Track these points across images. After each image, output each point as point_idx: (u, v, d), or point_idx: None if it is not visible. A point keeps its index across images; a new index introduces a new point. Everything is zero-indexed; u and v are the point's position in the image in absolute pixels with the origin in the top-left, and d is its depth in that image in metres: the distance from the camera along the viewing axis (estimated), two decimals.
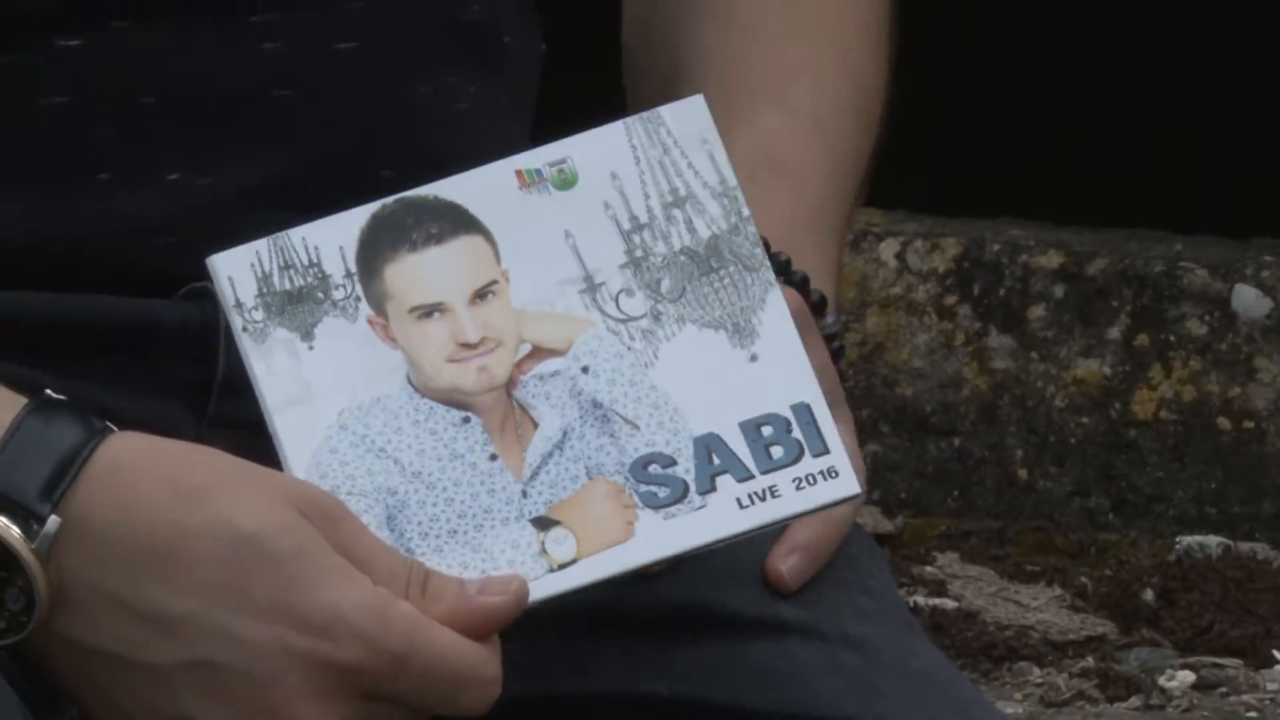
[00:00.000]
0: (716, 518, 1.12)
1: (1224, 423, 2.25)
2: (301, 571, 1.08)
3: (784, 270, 1.24)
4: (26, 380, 1.12)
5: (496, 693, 1.08)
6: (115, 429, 1.10)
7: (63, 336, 1.22)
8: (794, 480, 1.13)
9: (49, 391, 1.12)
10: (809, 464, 1.13)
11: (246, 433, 1.11)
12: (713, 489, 1.13)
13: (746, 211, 1.18)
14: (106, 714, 1.12)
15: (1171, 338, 2.22)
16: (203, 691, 1.09)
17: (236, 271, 1.14)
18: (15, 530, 1.07)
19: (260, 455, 1.12)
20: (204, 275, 1.14)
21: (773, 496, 1.12)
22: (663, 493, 1.13)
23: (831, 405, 1.13)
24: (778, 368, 1.15)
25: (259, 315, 1.16)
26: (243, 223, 1.17)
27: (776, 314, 1.15)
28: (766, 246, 1.15)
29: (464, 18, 1.29)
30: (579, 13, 1.57)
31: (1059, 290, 2.26)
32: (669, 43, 1.37)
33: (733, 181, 1.16)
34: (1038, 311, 2.26)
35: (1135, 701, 2.05)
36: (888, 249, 2.30)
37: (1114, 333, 2.21)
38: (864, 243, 2.34)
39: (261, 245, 1.14)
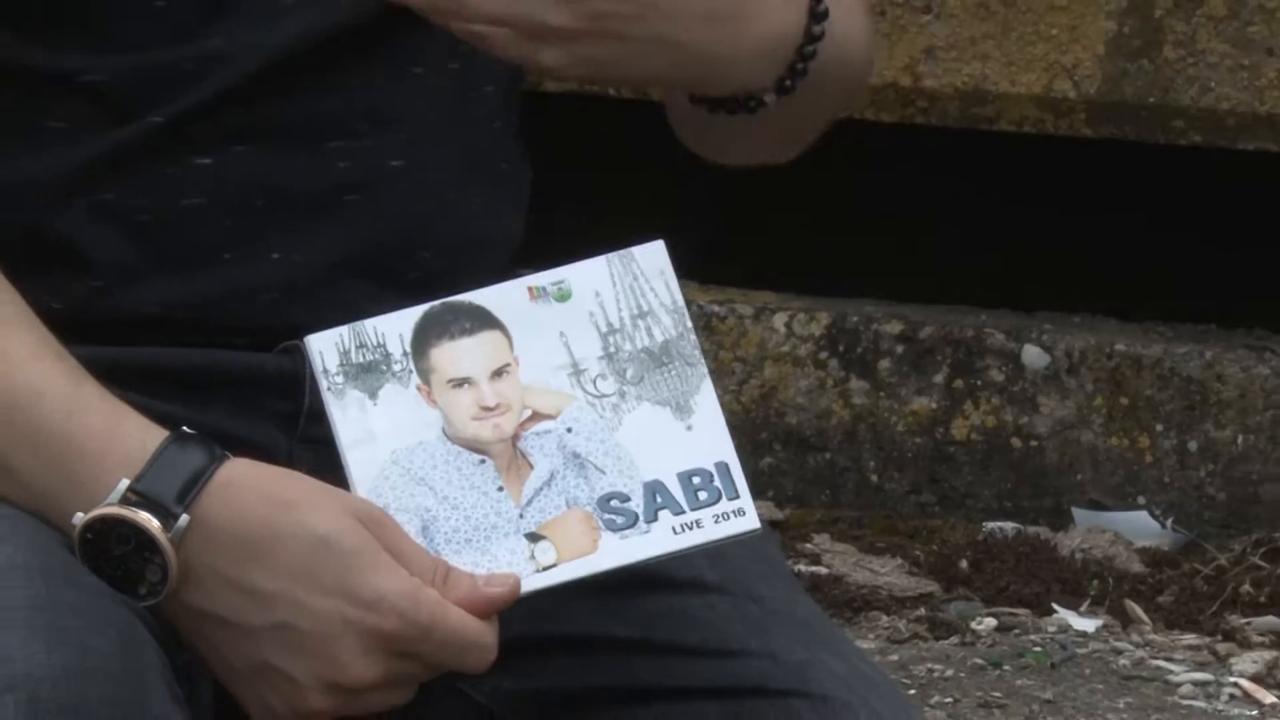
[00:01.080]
0: (657, 540, 1.30)
1: (1016, 442, 2.43)
2: (357, 564, 1.26)
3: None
4: (167, 414, 1.28)
5: (493, 657, 1.26)
6: (230, 455, 1.26)
7: (193, 381, 1.39)
8: (714, 516, 1.30)
9: (185, 427, 1.28)
10: (725, 505, 1.30)
11: (323, 448, 1.29)
12: (655, 519, 1.30)
13: (689, 324, 1.33)
14: (213, 660, 1.29)
15: (979, 382, 2.42)
16: (282, 646, 1.27)
17: (325, 348, 1.30)
18: (156, 523, 1.24)
19: (329, 467, 1.29)
20: (295, 330, 1.31)
21: (698, 527, 1.29)
22: (619, 520, 1.30)
23: None
24: (706, 436, 1.32)
25: (339, 379, 1.32)
26: (323, 289, 1.37)
27: (708, 398, 1.31)
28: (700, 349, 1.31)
29: (475, 148, 1.48)
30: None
31: (900, 349, 2.43)
32: None
33: (680, 303, 1.34)
34: (885, 363, 2.43)
35: (954, 639, 2.24)
36: (779, 320, 2.41)
37: (938, 379, 2.42)
38: (763, 316, 2.42)
39: (344, 330, 1.31)
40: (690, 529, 1.29)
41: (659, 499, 1.30)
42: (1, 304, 1.30)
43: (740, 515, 1.29)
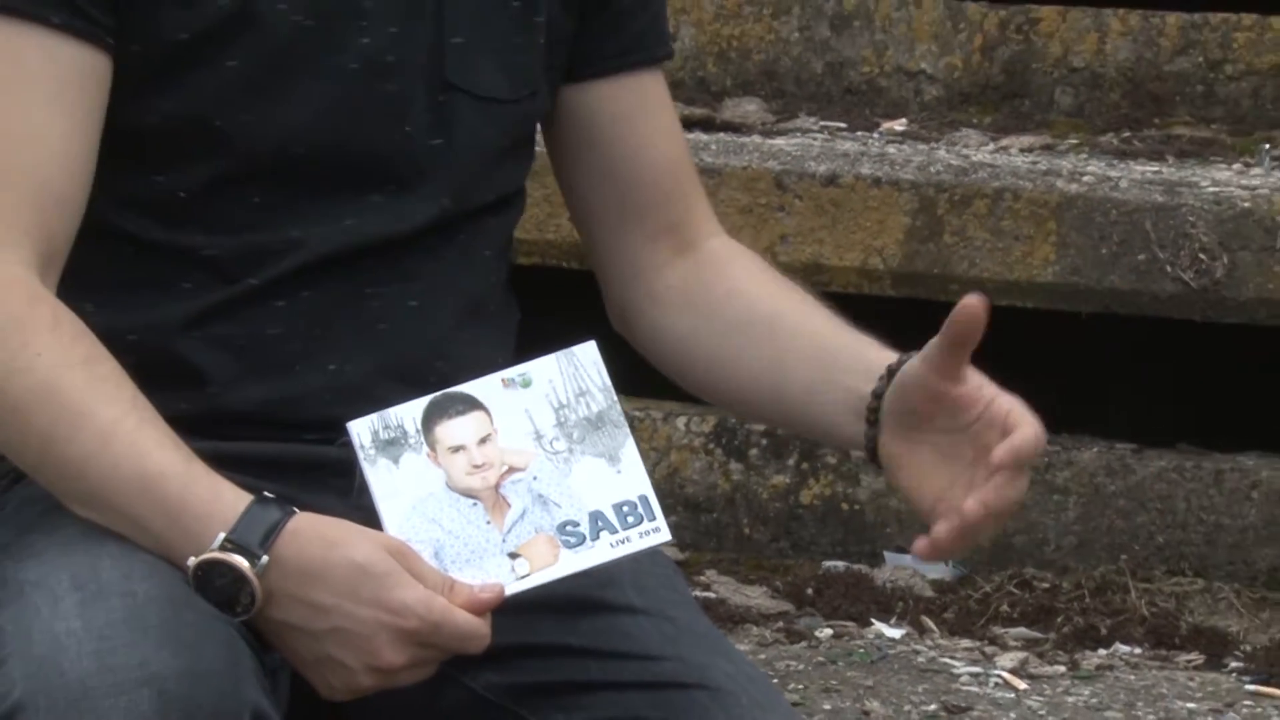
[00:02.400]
0: (601, 552, 1.30)
1: (845, 506, 2.45)
2: (387, 583, 1.26)
3: (894, 365, 1.34)
4: (252, 486, 1.27)
5: (487, 644, 1.25)
6: (296, 510, 1.25)
7: (273, 463, 1.38)
8: (639, 533, 1.30)
9: (266, 493, 1.28)
10: (646, 525, 1.29)
11: (367, 512, 1.28)
12: (598, 538, 1.30)
13: (615, 398, 1.33)
14: (290, 656, 1.28)
15: (819, 464, 2.44)
16: (337, 643, 1.26)
17: (362, 430, 1.31)
18: (246, 563, 1.24)
19: (368, 519, 1.28)
20: (346, 419, 1.30)
21: (628, 541, 1.29)
22: (573, 540, 1.30)
23: None
24: (630, 477, 1.31)
25: (372, 451, 1.32)
26: (365, 391, 1.35)
27: (631, 450, 1.30)
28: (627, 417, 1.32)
29: (473, 296, 1.47)
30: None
31: (764, 440, 2.46)
32: (733, 314, 1.47)
33: (608, 384, 1.33)
34: (754, 451, 2.46)
35: (803, 644, 2.26)
36: (680, 421, 2.45)
37: (791, 461, 2.45)
38: (669, 418, 2.47)
39: (374, 416, 1.30)
40: (623, 543, 1.30)
41: (600, 523, 1.30)
42: (137, 409, 1.27)
43: (657, 531, 1.29)
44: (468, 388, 1.31)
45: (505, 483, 1.31)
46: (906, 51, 2.82)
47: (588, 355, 1.33)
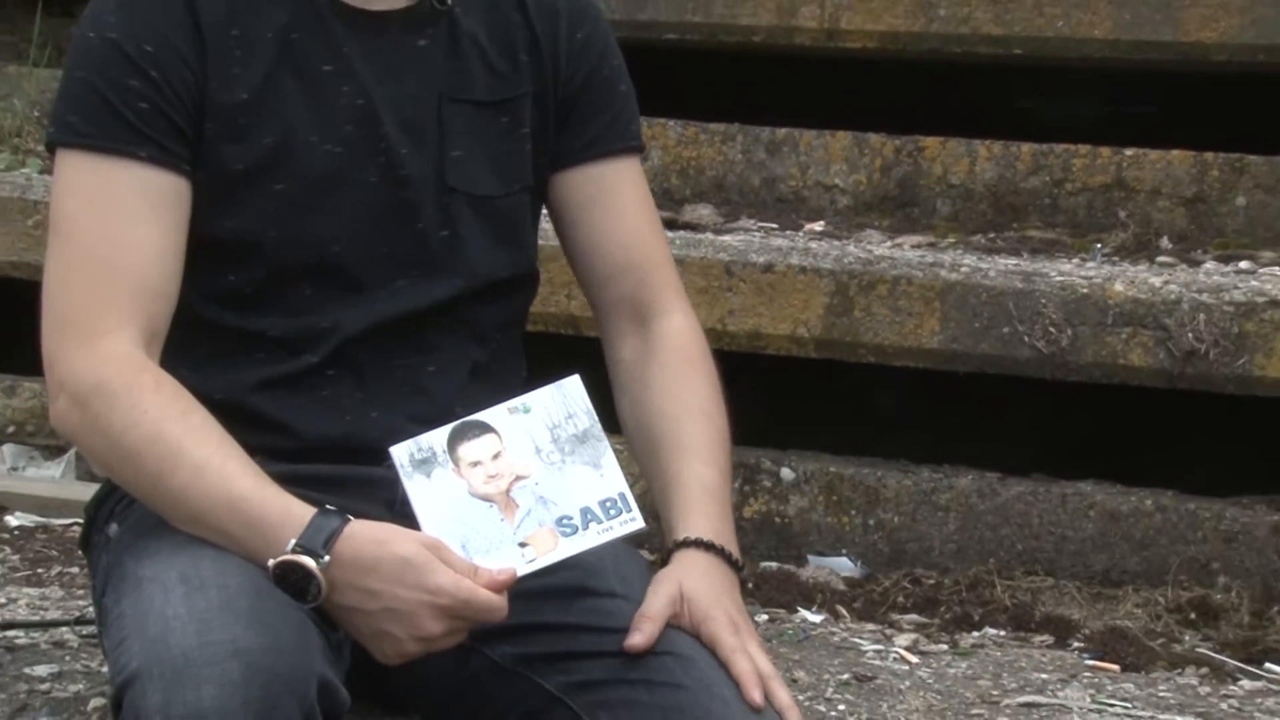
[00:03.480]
0: (590, 539, 1.31)
1: (777, 520, 2.37)
2: (426, 571, 1.27)
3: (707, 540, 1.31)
4: (316, 500, 1.28)
5: (504, 615, 1.25)
6: (351, 518, 1.25)
7: (336, 481, 1.41)
8: (619, 523, 1.31)
9: (328, 505, 1.29)
10: (625, 516, 1.31)
11: (409, 521, 1.29)
12: (587, 528, 1.31)
13: (595, 419, 1.34)
14: (351, 632, 1.28)
15: (757, 487, 2.40)
16: (388, 620, 1.27)
17: (401, 453, 1.32)
18: (312, 563, 1.24)
19: (409, 523, 1.28)
20: (385, 446, 1.30)
21: (610, 530, 1.29)
22: (568, 530, 1.31)
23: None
24: (611, 479, 1.32)
25: (410, 469, 1.33)
26: (400, 432, 1.33)
27: (610, 458, 1.30)
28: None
29: (477, 362, 1.48)
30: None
31: None
32: (644, 419, 1.45)
33: (590, 408, 1.32)
34: None
35: None
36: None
37: (735, 485, 2.37)
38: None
39: (411, 442, 1.31)
40: (608, 530, 1.31)
41: (589, 516, 1.31)
42: (223, 448, 1.28)
43: (634, 520, 1.32)
44: (482, 416, 1.32)
45: (514, 488, 1.31)
46: (824, 170, 2.84)
47: (574, 386, 1.32)
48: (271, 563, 1.22)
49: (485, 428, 1.30)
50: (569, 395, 1.31)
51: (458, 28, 1.35)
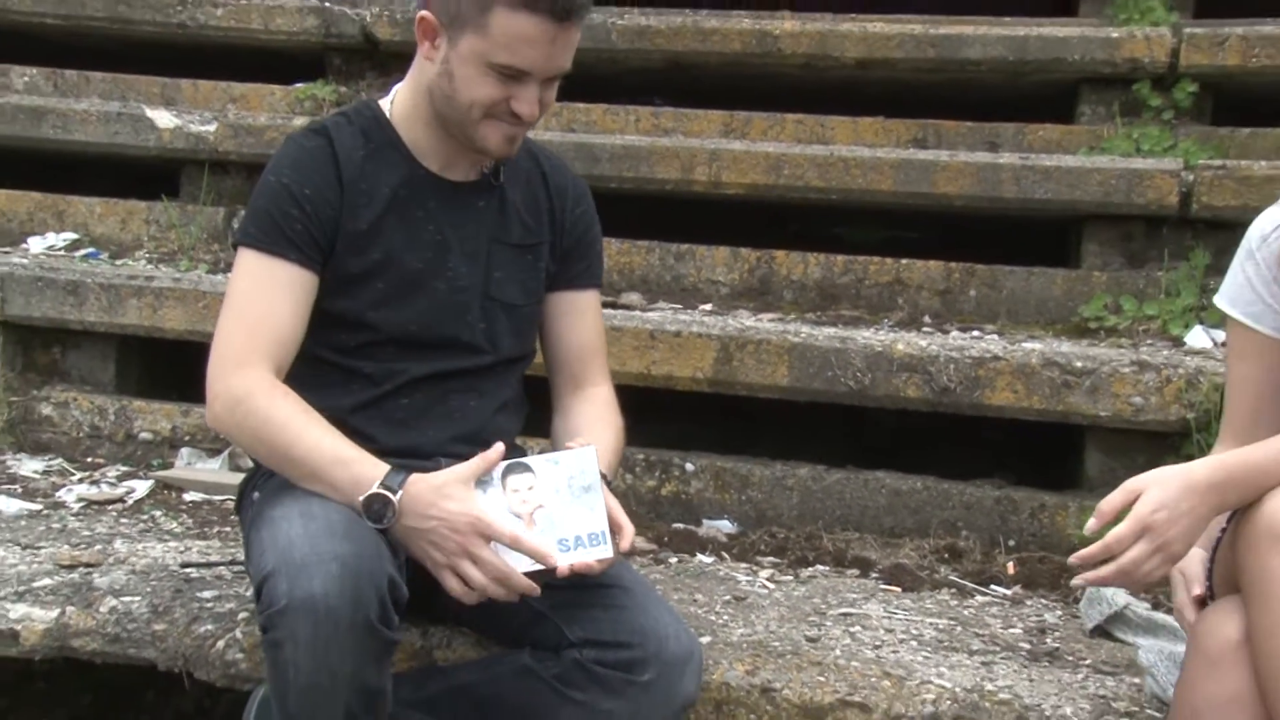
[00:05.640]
0: (575, 557, 1.31)
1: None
2: (478, 521, 1.27)
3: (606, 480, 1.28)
4: (396, 465, 1.28)
5: (538, 592, 1.25)
6: (416, 473, 1.26)
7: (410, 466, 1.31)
8: (598, 550, 1.30)
9: (398, 462, 1.29)
10: (603, 546, 1.31)
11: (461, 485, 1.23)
12: (575, 549, 1.30)
13: (598, 476, 1.33)
14: (413, 549, 1.27)
15: (671, 467, 2.32)
16: (443, 539, 1.25)
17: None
18: (390, 495, 1.25)
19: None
20: (443, 454, 1.30)
21: (590, 553, 1.29)
22: (564, 548, 1.30)
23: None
24: (598, 519, 1.32)
25: (479, 486, 1.31)
26: (445, 448, 1.36)
27: (601, 504, 1.30)
28: (605, 480, 1.31)
29: (502, 400, 1.49)
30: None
31: (641, 463, 2.32)
32: (568, 428, 1.47)
33: (596, 468, 1.32)
34: (637, 468, 2.32)
35: (663, 567, 2.12)
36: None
37: (656, 474, 2.35)
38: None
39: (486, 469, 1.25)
40: (588, 553, 1.32)
41: (578, 541, 1.31)
42: (330, 431, 1.30)
43: (607, 550, 1.32)
44: (527, 460, 1.32)
45: (535, 512, 1.31)
46: (711, 270, 2.87)
47: (589, 454, 1.33)
48: (362, 498, 1.24)
49: (527, 468, 1.32)
50: (585, 460, 1.32)
51: (505, 196, 1.43)
